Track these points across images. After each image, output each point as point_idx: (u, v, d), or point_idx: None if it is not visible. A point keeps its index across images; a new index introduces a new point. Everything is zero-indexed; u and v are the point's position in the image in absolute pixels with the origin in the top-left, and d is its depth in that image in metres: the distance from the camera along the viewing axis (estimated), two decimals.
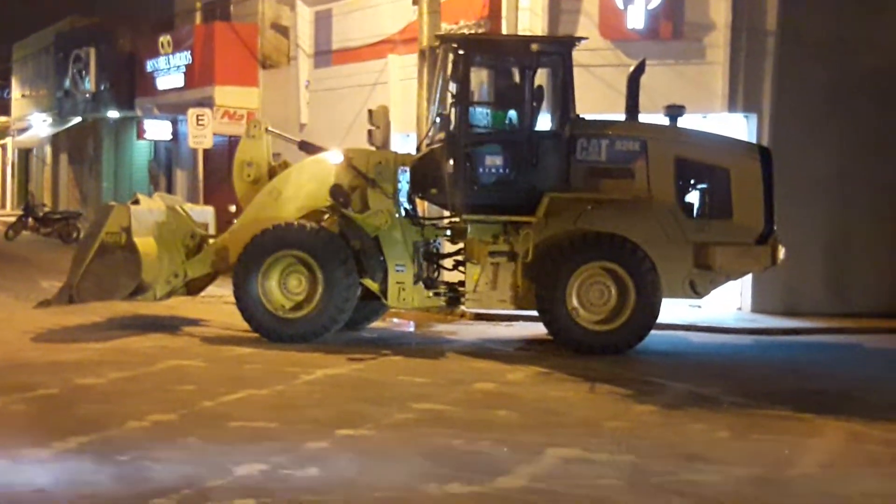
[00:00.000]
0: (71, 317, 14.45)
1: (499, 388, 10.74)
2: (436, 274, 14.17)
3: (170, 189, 30.32)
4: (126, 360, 11.61)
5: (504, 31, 17.37)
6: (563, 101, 13.29)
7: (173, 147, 30.99)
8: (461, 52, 13.10)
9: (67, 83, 36.56)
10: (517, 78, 13.37)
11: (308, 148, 14.67)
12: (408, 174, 13.73)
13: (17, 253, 26.24)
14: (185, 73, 28.21)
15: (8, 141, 48.10)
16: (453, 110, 13.07)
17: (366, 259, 13.38)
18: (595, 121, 13.52)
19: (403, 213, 13.67)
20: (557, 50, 13.43)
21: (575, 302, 12.94)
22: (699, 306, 16.19)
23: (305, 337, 13.12)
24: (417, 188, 13.74)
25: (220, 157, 25.97)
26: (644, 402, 10.11)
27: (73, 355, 11.81)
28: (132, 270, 13.57)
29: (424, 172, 13.48)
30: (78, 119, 36.53)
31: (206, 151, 23.60)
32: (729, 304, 16.82)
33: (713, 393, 10.68)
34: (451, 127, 13.07)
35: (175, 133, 30.09)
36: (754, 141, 16.40)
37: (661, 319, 13.29)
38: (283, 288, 13.39)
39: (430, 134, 13.72)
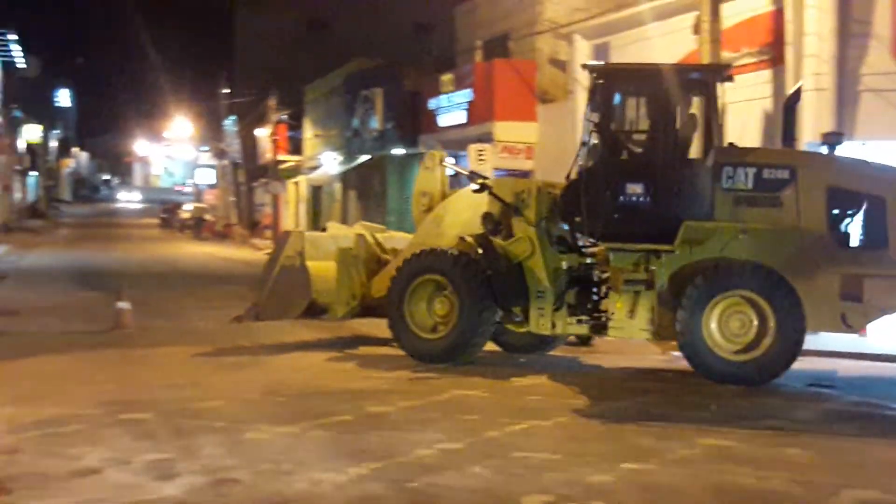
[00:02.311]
0: (352, 342, 15.05)
1: (787, 424, 10.36)
2: (584, 301, 13.75)
3: None
4: (412, 389, 11.96)
5: (790, 57, 16.91)
6: (707, 128, 13.02)
7: (455, 182, 31.73)
8: (600, 81, 13.13)
9: (356, 122, 38.18)
10: (659, 106, 13.18)
11: (476, 178, 14.97)
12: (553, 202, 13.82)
13: None
14: (466, 110, 28.89)
15: (301, 179, 50.59)
16: (594, 138, 13.08)
17: (506, 285, 13.55)
18: (742, 149, 13.32)
19: (552, 239, 13.73)
20: (700, 78, 13.33)
21: (713, 331, 12.52)
22: None
23: (443, 357, 13.57)
24: (564, 215, 13.67)
25: None
26: None
27: (363, 384, 12.26)
28: (304, 291, 14.77)
29: (570, 200, 13.42)
30: (366, 157, 38.02)
31: None
32: None
33: None
34: (593, 155, 13.10)
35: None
36: None
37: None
38: (429, 309, 13.95)
39: (578, 162, 13.49)
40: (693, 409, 11.03)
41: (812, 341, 14.23)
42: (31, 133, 68.10)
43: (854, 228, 12.75)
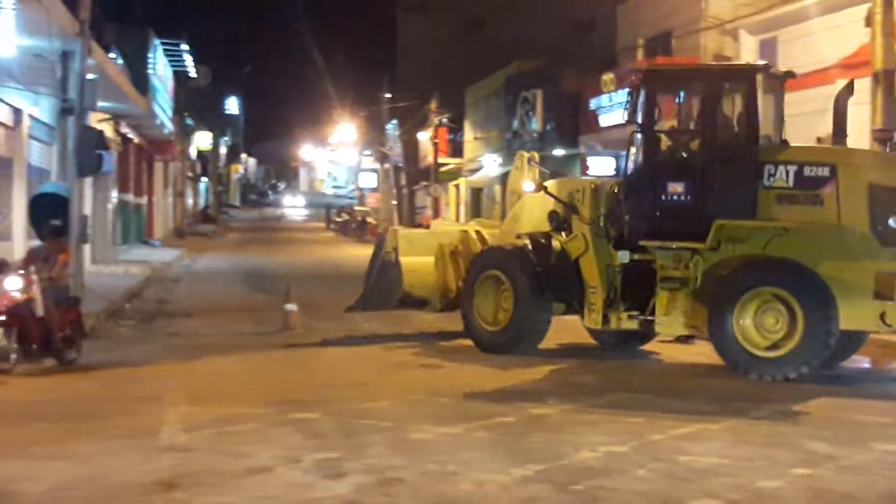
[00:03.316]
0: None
1: None
2: (634, 297, 13.94)
3: None
4: (573, 390, 11.90)
5: None
6: (748, 127, 13.13)
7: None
8: (640, 82, 13.55)
9: (516, 124, 38.23)
10: (700, 106, 13.54)
11: (553, 177, 15.81)
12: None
13: None
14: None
15: (461, 181, 50.92)
16: (636, 139, 13.61)
17: (555, 280, 14.26)
18: (784, 147, 13.38)
19: (609, 236, 14.08)
20: (739, 77, 13.57)
21: (745, 327, 12.67)
22: None
23: (503, 348, 14.40)
24: (617, 213, 14.03)
25: None
26: None
27: (523, 385, 12.28)
28: (398, 284, 15.84)
29: (620, 198, 13.92)
30: None
31: None
32: None
33: None
34: (635, 155, 13.66)
35: (617, 169, 30.54)
36: None
37: None
38: (494, 303, 14.77)
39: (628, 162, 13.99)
40: (868, 414, 10.68)
41: None
42: (202, 140, 70.31)
43: None
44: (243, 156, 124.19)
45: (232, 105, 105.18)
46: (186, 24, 51.40)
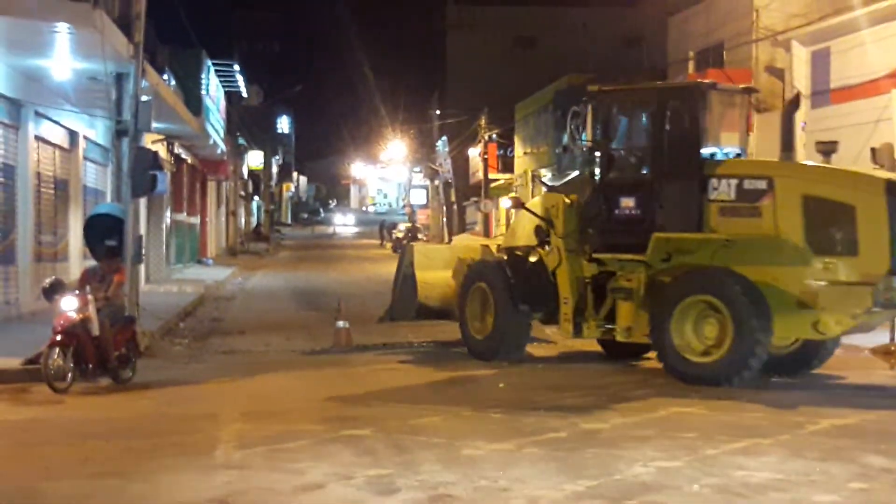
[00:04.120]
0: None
1: None
2: (599, 307, 14.57)
3: None
4: (625, 405, 11.83)
5: None
6: (693, 144, 13.62)
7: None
8: (591, 103, 14.48)
9: (565, 139, 38.14)
10: (648, 123, 14.18)
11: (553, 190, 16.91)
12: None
13: None
14: None
15: (511, 196, 50.83)
16: (589, 156, 14.59)
17: (528, 291, 14.96)
18: (725, 161, 13.78)
19: (583, 249, 14.68)
20: (682, 95, 14.05)
21: (685, 333, 13.17)
22: None
23: (488, 355, 15.23)
24: (583, 228, 14.72)
25: None
26: None
27: (575, 400, 12.22)
28: (414, 297, 16.88)
29: (586, 214, 14.66)
30: (575, 173, 37.96)
31: None
32: None
33: None
34: (588, 171, 14.37)
35: None
36: None
37: None
38: (481, 313, 15.59)
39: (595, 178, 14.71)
40: None
41: None
42: (254, 159, 70.85)
43: (831, 236, 12.76)
44: (295, 174, 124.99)
45: (283, 124, 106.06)
46: (238, 45, 51.93)
